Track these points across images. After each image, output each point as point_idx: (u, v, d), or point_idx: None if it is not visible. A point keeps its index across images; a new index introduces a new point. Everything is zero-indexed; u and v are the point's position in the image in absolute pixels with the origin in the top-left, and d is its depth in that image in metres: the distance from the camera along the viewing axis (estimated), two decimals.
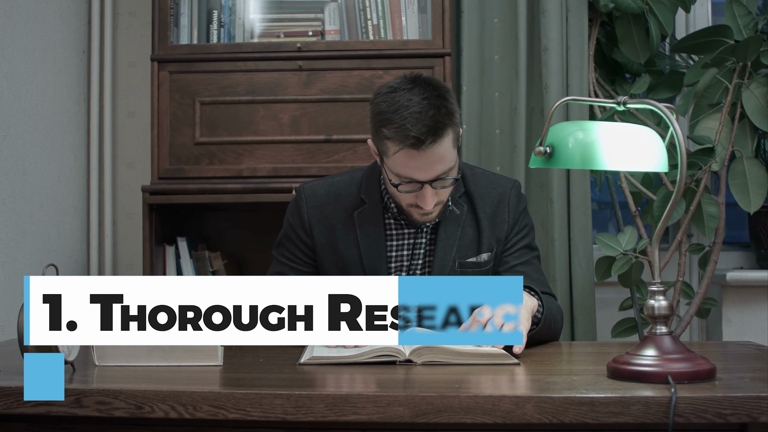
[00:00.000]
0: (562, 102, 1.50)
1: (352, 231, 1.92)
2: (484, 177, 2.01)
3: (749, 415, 1.24)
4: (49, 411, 1.33)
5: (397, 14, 2.61)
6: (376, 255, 1.91)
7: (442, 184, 1.80)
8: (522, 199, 2.01)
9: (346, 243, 1.92)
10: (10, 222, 2.44)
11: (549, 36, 2.61)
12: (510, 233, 1.97)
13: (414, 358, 1.55)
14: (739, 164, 2.49)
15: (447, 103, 1.77)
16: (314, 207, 1.95)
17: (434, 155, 1.74)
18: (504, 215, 1.96)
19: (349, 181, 1.97)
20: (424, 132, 1.71)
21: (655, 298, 1.42)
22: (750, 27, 2.52)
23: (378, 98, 1.79)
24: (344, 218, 1.93)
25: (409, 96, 1.74)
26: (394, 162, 1.78)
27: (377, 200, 1.92)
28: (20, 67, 2.50)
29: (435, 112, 1.73)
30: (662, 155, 1.45)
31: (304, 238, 1.95)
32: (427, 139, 1.71)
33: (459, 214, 1.93)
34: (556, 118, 2.53)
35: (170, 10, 2.60)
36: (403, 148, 1.73)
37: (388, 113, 1.75)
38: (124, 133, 2.97)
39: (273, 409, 1.29)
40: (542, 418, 1.26)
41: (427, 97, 1.74)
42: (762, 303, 2.69)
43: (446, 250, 1.91)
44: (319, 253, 1.94)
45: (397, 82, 1.79)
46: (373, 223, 1.91)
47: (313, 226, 1.94)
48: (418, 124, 1.71)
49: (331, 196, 1.96)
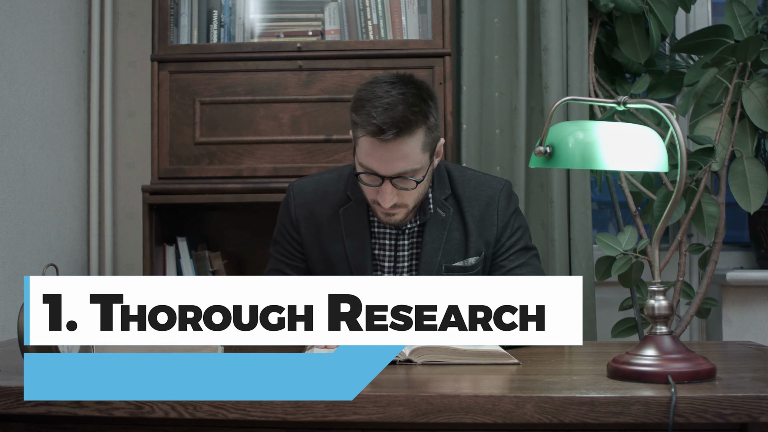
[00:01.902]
0: (562, 102, 1.50)
1: (338, 228, 1.92)
2: (474, 178, 1.98)
3: (749, 415, 1.24)
4: (49, 411, 1.33)
5: (397, 14, 2.61)
6: (361, 252, 1.90)
7: (404, 184, 1.78)
8: (512, 200, 1.97)
9: (332, 239, 1.93)
10: (10, 222, 2.44)
11: (549, 36, 2.61)
12: (501, 236, 1.93)
13: (414, 358, 1.55)
14: (739, 164, 2.49)
15: (425, 105, 1.76)
16: (301, 204, 1.96)
17: (397, 150, 1.74)
18: (493, 218, 1.93)
19: (336, 179, 1.98)
20: (387, 123, 1.71)
21: (655, 298, 1.42)
22: (750, 27, 2.52)
23: (360, 87, 1.81)
24: (330, 215, 1.94)
25: (387, 89, 1.75)
26: (360, 149, 1.79)
27: (362, 197, 1.91)
28: (20, 67, 2.50)
29: (405, 108, 1.72)
30: (662, 155, 1.45)
31: (294, 235, 1.96)
32: (389, 131, 1.71)
33: (445, 217, 1.91)
34: (556, 118, 2.53)
35: (170, 10, 2.60)
36: (366, 135, 1.74)
37: (362, 100, 1.76)
38: (124, 133, 2.97)
39: (273, 409, 1.29)
40: (542, 418, 1.26)
41: (404, 93, 1.74)
42: (762, 303, 2.69)
43: (432, 254, 1.90)
44: (307, 249, 1.95)
45: (384, 76, 1.81)
46: (358, 220, 1.91)
47: (300, 223, 1.95)
48: (383, 114, 1.71)
49: (319, 194, 1.96)
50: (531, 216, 2.68)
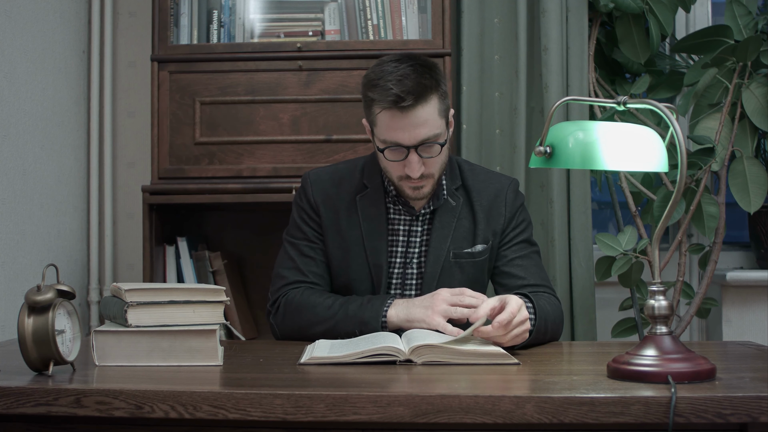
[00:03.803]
0: (562, 102, 1.50)
1: (355, 213, 1.97)
2: (483, 173, 2.06)
3: (749, 415, 1.24)
4: (49, 411, 1.33)
5: (397, 14, 2.61)
6: (377, 236, 1.95)
7: (428, 152, 1.84)
8: (519, 196, 2.05)
9: (349, 224, 1.97)
10: (10, 222, 2.44)
11: (549, 36, 2.61)
12: (507, 227, 2.00)
13: (414, 358, 1.55)
14: (739, 164, 2.49)
15: (434, 73, 1.84)
16: (320, 190, 2.01)
17: (417, 117, 1.80)
18: (501, 209, 2.00)
19: (352, 168, 2.04)
20: (404, 91, 1.78)
21: (655, 298, 1.42)
22: (750, 27, 2.52)
23: (368, 71, 1.89)
24: (347, 201, 1.99)
25: (395, 65, 1.83)
26: (380, 126, 1.84)
27: (378, 184, 1.98)
28: (20, 67, 2.50)
29: (418, 76, 1.80)
30: (662, 155, 1.45)
31: (313, 216, 2.00)
32: (408, 98, 1.78)
33: (455, 206, 1.97)
34: (556, 118, 2.53)
35: (170, 10, 2.60)
36: (386, 107, 1.80)
37: (374, 79, 1.84)
38: (124, 133, 2.97)
39: (273, 409, 1.29)
40: (542, 418, 1.26)
41: (413, 65, 1.82)
42: (762, 303, 2.69)
43: (441, 240, 1.95)
44: (325, 232, 1.99)
45: (389, 56, 1.88)
46: (375, 206, 1.97)
47: (319, 206, 2.00)
48: (399, 85, 1.79)
49: (336, 180, 2.02)
50: (531, 216, 2.67)
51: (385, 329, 1.80)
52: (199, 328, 1.56)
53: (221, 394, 1.31)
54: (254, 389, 1.31)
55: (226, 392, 1.31)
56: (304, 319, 1.89)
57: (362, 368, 1.52)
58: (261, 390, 1.31)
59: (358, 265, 1.95)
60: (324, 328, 1.85)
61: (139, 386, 1.33)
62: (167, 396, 1.31)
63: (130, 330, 1.54)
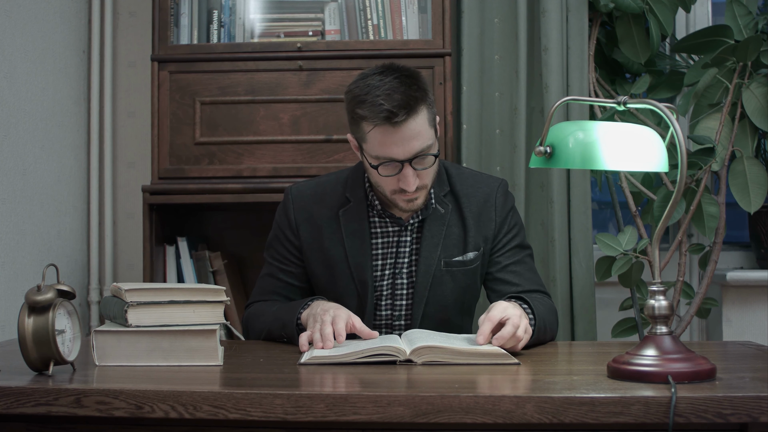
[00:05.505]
0: (562, 102, 1.50)
1: (338, 229, 1.94)
2: (471, 176, 2.02)
3: (749, 415, 1.24)
4: (49, 411, 1.33)
5: (397, 14, 2.61)
6: (361, 253, 1.92)
7: (422, 164, 1.82)
8: (509, 198, 2.01)
9: (332, 241, 1.95)
10: (10, 222, 2.44)
11: (549, 36, 2.61)
12: (498, 233, 1.97)
13: (414, 358, 1.55)
14: (739, 164, 2.49)
15: (420, 83, 1.81)
16: (300, 207, 1.98)
17: (409, 131, 1.77)
18: (491, 214, 1.97)
19: (335, 181, 2.01)
20: (396, 105, 1.75)
21: (656, 298, 1.42)
22: (750, 27, 2.52)
23: (351, 86, 1.85)
24: (330, 217, 1.96)
25: (380, 78, 1.80)
26: (371, 143, 1.81)
27: (362, 198, 1.94)
28: (20, 67, 2.50)
29: (406, 89, 1.77)
30: (662, 155, 1.45)
31: (291, 238, 1.98)
32: (401, 112, 1.75)
33: (444, 213, 1.94)
34: (556, 118, 2.53)
35: (170, 10, 2.60)
36: (378, 124, 1.77)
37: (361, 96, 1.80)
38: (124, 133, 2.97)
39: (273, 409, 1.29)
40: (542, 418, 1.26)
41: (398, 77, 1.79)
42: (762, 303, 2.69)
43: (431, 249, 1.92)
44: (306, 252, 1.97)
45: (370, 70, 1.85)
46: (357, 221, 1.94)
47: (299, 226, 1.97)
48: (389, 100, 1.75)
49: (318, 196, 1.99)
50: (531, 216, 2.68)
51: (300, 329, 1.80)
52: (199, 328, 1.56)
53: (221, 394, 1.31)
54: (254, 389, 1.31)
55: (226, 392, 1.31)
56: (256, 330, 1.95)
57: (362, 368, 1.52)
58: (261, 390, 1.31)
59: (344, 282, 1.94)
60: (265, 334, 1.91)
61: (139, 386, 1.33)
62: (167, 396, 1.31)
63: (130, 330, 1.54)
